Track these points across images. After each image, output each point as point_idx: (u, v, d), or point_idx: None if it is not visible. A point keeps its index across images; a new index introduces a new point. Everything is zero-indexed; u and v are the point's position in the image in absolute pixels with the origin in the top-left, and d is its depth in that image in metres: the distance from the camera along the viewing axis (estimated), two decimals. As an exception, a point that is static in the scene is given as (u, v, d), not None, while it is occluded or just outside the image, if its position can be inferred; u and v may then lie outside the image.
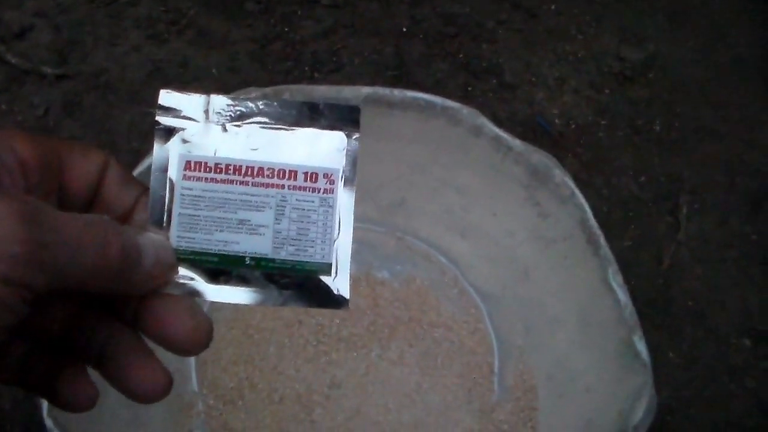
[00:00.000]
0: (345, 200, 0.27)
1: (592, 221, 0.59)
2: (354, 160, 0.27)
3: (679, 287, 0.67)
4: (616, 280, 0.57)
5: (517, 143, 0.61)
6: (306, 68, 0.76)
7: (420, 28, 0.79)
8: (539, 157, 0.60)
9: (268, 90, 0.60)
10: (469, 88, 0.75)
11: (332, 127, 0.27)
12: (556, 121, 0.74)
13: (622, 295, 0.56)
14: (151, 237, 0.25)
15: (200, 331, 0.25)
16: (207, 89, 0.74)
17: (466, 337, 0.62)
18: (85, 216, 0.23)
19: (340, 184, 0.27)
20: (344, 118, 0.28)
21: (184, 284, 0.26)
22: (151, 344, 0.25)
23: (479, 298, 0.64)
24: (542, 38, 0.79)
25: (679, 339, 0.65)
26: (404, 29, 0.79)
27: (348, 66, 0.76)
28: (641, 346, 0.54)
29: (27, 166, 0.24)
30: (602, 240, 0.58)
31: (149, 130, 0.71)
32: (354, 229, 0.67)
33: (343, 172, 0.27)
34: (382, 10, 0.80)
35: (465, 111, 0.61)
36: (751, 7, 0.83)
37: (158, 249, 0.25)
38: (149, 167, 0.54)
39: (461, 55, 0.78)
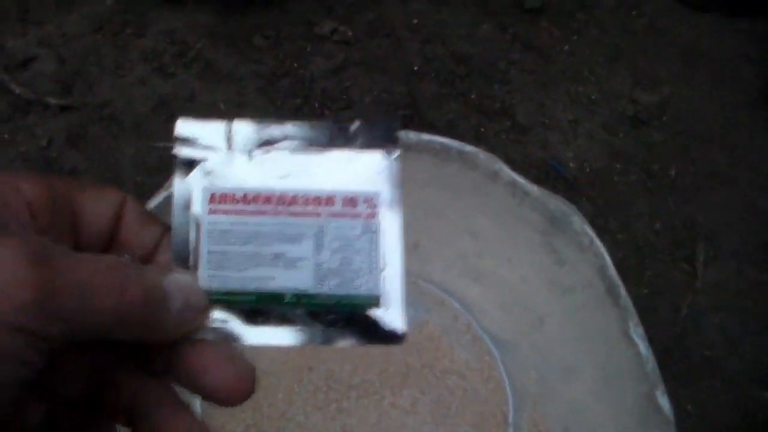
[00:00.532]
0: (390, 224, 0.25)
1: (612, 270, 0.57)
2: (396, 180, 0.25)
3: (696, 336, 0.66)
4: (637, 333, 0.55)
5: (534, 189, 0.59)
6: (316, 104, 0.74)
7: (431, 67, 0.78)
8: (557, 203, 0.59)
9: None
10: (482, 129, 0.74)
11: (369, 147, 0.25)
12: (571, 164, 0.73)
13: (644, 349, 0.55)
14: (177, 278, 0.23)
15: (243, 380, 0.23)
16: (215, 124, 0.72)
17: (480, 385, 0.60)
18: (101, 256, 0.21)
19: (383, 207, 0.25)
20: (381, 136, 0.25)
21: (218, 328, 0.24)
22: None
23: (493, 345, 0.62)
24: (555, 79, 0.79)
25: (696, 390, 0.63)
26: (415, 68, 0.78)
27: (358, 104, 0.74)
28: (664, 402, 0.52)
29: (35, 207, 0.22)
30: (622, 290, 0.56)
31: (154, 164, 0.69)
32: None
33: (386, 194, 0.25)
34: (393, 47, 0.79)
35: (482, 155, 0.60)
36: (763, 47, 0.83)
37: (186, 290, 0.23)
38: (164, 200, 0.52)
39: (473, 96, 0.76)
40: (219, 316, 0.24)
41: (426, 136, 0.60)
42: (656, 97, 0.78)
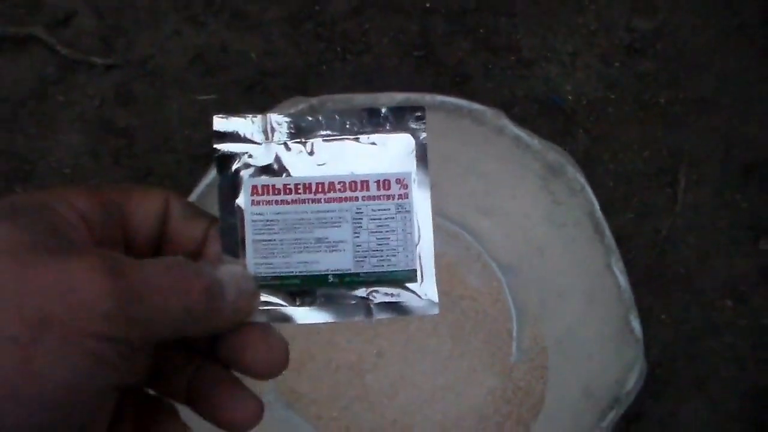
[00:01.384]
0: (421, 203, 0.27)
1: (599, 213, 0.67)
2: (424, 160, 0.27)
3: (673, 255, 0.77)
4: (618, 266, 0.66)
5: (535, 142, 0.68)
6: (338, 49, 0.81)
7: (443, 3, 0.84)
8: (554, 155, 0.68)
9: (314, 101, 0.66)
10: (490, 66, 0.81)
11: (397, 130, 0.27)
12: (569, 97, 0.81)
13: (623, 281, 0.66)
14: (229, 269, 0.25)
15: (274, 355, 0.25)
16: (249, 75, 0.80)
17: (489, 307, 0.72)
18: (163, 260, 0.23)
19: (414, 186, 0.27)
20: (409, 118, 0.27)
21: (268, 311, 0.26)
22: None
23: (500, 272, 0.73)
24: (557, 11, 0.84)
25: (670, 302, 0.75)
26: (428, 5, 0.84)
27: (376, 47, 0.81)
28: (636, 324, 0.64)
29: (89, 220, 0.23)
30: (607, 230, 0.67)
31: (197, 117, 0.78)
32: None
33: (416, 174, 0.27)
34: (405, -16, 0.84)
35: (489, 113, 0.68)
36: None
37: (238, 280, 0.25)
38: (208, 187, 0.62)
39: (482, 31, 0.83)
40: (267, 299, 0.26)
41: (440, 97, 0.68)
42: (652, 24, 0.84)
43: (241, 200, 0.26)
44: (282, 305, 0.26)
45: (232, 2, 0.83)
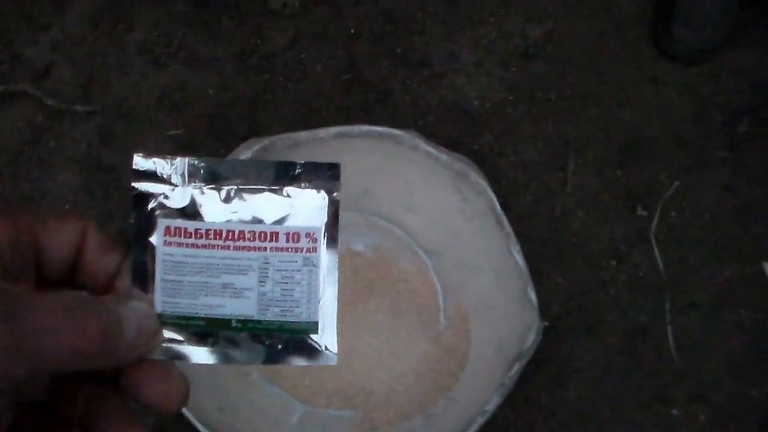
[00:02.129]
0: (328, 258, 0.27)
1: (498, 208, 0.85)
2: (335, 217, 0.27)
3: (566, 229, 0.95)
4: (516, 249, 0.84)
5: (443, 156, 0.85)
6: (280, 78, 0.97)
7: (365, 27, 0.99)
8: (460, 165, 0.85)
9: (266, 141, 0.83)
10: (407, 81, 0.98)
11: (312, 186, 0.27)
12: (475, 102, 0.98)
13: (520, 261, 0.84)
14: (133, 306, 0.25)
15: (173, 395, 0.25)
16: (208, 109, 0.95)
17: (420, 286, 0.90)
18: (61, 296, 0.23)
19: (323, 242, 0.27)
20: (323, 175, 0.27)
21: (170, 348, 0.26)
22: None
23: (426, 256, 0.92)
24: (463, 25, 1.00)
25: (565, 266, 0.94)
26: (352, 31, 0.99)
27: (312, 74, 0.97)
28: (532, 295, 0.83)
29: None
30: (506, 222, 0.85)
31: (171, 151, 0.94)
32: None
33: (326, 229, 0.27)
34: (333, 14, 0.99)
35: (405, 135, 0.85)
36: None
37: (140, 318, 0.25)
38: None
39: (399, 50, 0.99)
40: (171, 336, 0.26)
41: (365, 127, 0.85)
42: (542, 30, 1.01)
43: (154, 239, 0.26)
44: (184, 344, 0.26)
45: (186, 42, 0.97)
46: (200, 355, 0.26)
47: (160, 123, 0.94)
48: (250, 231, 0.26)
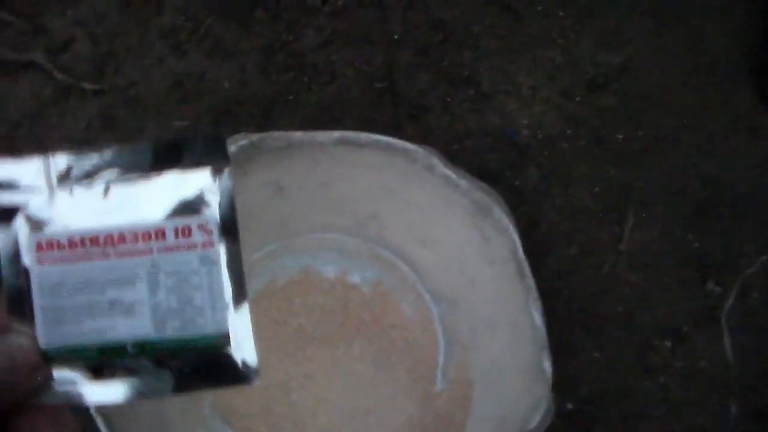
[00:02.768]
0: (230, 252, 0.24)
1: (521, 253, 0.69)
2: (230, 200, 0.24)
3: (613, 293, 0.78)
4: (535, 307, 0.68)
5: (463, 182, 0.71)
6: (305, 79, 0.86)
7: (410, 35, 0.87)
8: (481, 194, 0.70)
9: (255, 137, 0.71)
10: (448, 99, 0.84)
11: (197, 165, 0.24)
12: (524, 131, 0.83)
13: (538, 320, 0.68)
14: (4, 339, 0.22)
15: None
16: (220, 103, 0.86)
17: (419, 336, 0.75)
18: None
19: (219, 233, 0.23)
20: (208, 151, 0.24)
21: (60, 390, 0.23)
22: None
23: (433, 302, 0.77)
24: (524, 44, 0.86)
25: (605, 340, 0.77)
26: (395, 37, 0.87)
27: (341, 78, 0.85)
28: (546, 365, 0.66)
29: None
30: (527, 270, 0.69)
31: (171, 141, 0.84)
32: (334, 237, 0.81)
33: (221, 217, 0.24)
34: (377, 16, 0.88)
35: (420, 152, 0.71)
36: (737, 5, 0.86)
37: (13, 352, 0.22)
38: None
39: (445, 63, 0.86)
40: (62, 375, 0.23)
41: (374, 136, 0.72)
42: (618, 59, 0.85)
43: (26, 260, 0.23)
44: (77, 381, 0.23)
45: (213, 31, 0.88)
46: (96, 393, 0.23)
47: (166, 112, 0.85)
48: (130, 232, 0.23)
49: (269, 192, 0.76)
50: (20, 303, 0.23)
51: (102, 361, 0.23)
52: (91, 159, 0.24)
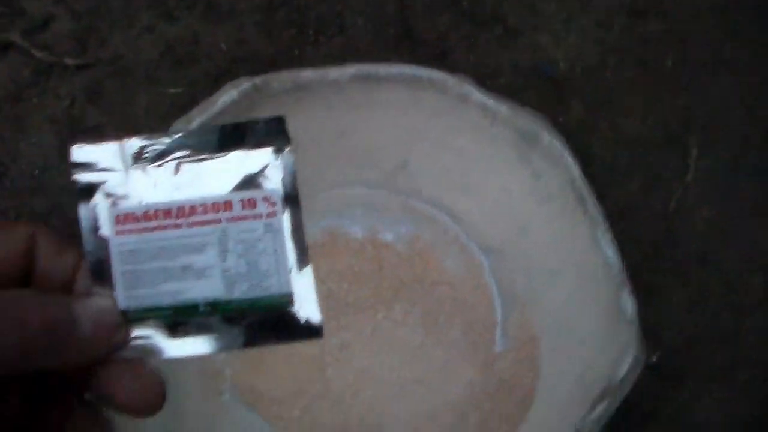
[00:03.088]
0: (292, 221, 0.26)
1: (580, 181, 0.59)
2: (292, 175, 0.26)
3: (686, 229, 0.67)
4: (605, 239, 0.58)
5: (503, 108, 0.61)
6: (310, 32, 0.77)
7: (423, -22, 0.78)
8: (526, 121, 0.61)
9: (258, 80, 0.62)
10: (473, 39, 0.75)
11: (259, 145, 0.26)
12: (561, 65, 0.73)
13: (611, 254, 0.58)
14: (89, 302, 0.24)
15: (147, 394, 0.24)
16: (218, 65, 0.77)
17: (469, 293, 0.65)
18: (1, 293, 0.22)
19: (282, 204, 0.25)
20: (270, 132, 0.26)
21: (139, 345, 0.25)
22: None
23: (481, 254, 0.66)
24: (549, -24, 0.77)
25: (685, 281, 0.66)
26: (407, -19, 0.78)
27: (351, 28, 0.77)
28: (628, 305, 0.56)
29: None
30: (590, 200, 0.59)
31: (166, 110, 0.75)
32: (359, 193, 0.70)
33: (283, 190, 0.25)
34: (384, -39, 0.80)
35: (451, 80, 0.62)
36: None
37: (96, 312, 0.24)
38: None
39: (465, 3, 0.77)
40: (140, 333, 0.25)
41: (396, 68, 0.63)
42: (656, -18, 0.76)
43: (105, 231, 0.25)
44: (154, 338, 0.25)
45: (206, -5, 0.80)
46: (173, 348, 0.25)
47: (159, 80, 0.76)
48: (201, 204, 0.25)
49: (282, 146, 0.66)
50: (101, 270, 0.25)
51: (176, 320, 0.25)
52: (163, 142, 0.26)
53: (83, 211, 0.25)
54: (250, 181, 0.25)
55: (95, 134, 0.75)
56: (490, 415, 0.61)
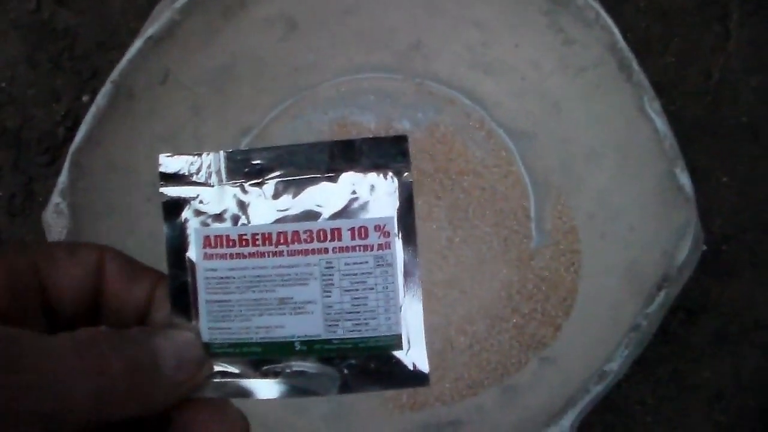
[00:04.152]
0: (406, 255, 0.23)
1: (622, 44, 0.52)
2: (409, 203, 0.23)
3: (730, 102, 0.61)
4: (653, 108, 0.51)
5: (528, -36, 0.54)
6: None
7: None
8: (554, -23, 0.53)
9: None
10: None
11: (376, 167, 0.23)
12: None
13: (661, 124, 0.51)
14: (168, 335, 0.21)
15: None
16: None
17: (498, 182, 0.58)
18: (71, 334, 0.19)
19: (397, 235, 0.23)
20: (388, 152, 0.23)
21: (225, 383, 0.22)
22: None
23: (509, 139, 0.60)
24: None
25: (733, 159, 0.60)
26: None
27: None
28: (684, 179, 0.49)
29: None
30: (635, 64, 0.52)
31: (145, 6, 0.67)
32: (369, 78, 0.61)
33: (399, 220, 0.23)
34: None
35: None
36: None
37: (179, 348, 0.21)
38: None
39: None
40: (223, 369, 0.22)
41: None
42: None
43: (192, 253, 0.22)
44: (240, 377, 0.22)
45: None
46: (260, 389, 0.22)
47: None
48: (306, 231, 0.22)
49: (279, 30, 0.58)
50: (183, 298, 0.22)
51: (266, 358, 0.22)
52: (264, 156, 0.23)
53: (169, 229, 0.23)
54: (363, 208, 0.23)
55: (67, 39, 0.67)
56: (530, 318, 0.55)
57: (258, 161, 0.23)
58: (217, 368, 0.22)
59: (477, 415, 0.53)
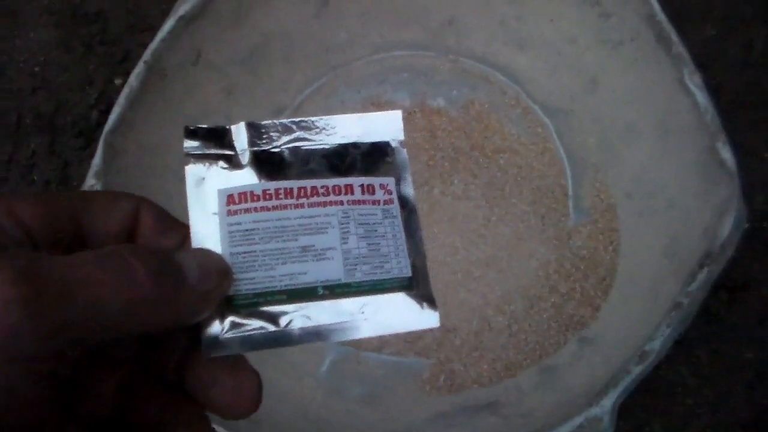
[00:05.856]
0: (406, 211, 0.25)
1: (661, 15, 0.51)
2: (405, 166, 0.26)
3: (774, 76, 0.59)
4: (694, 81, 0.50)
5: (565, -63, 0.53)
6: None
7: None
8: (592, -51, 0.52)
9: None
10: None
11: (375, 136, 0.26)
12: None
13: (702, 98, 0.49)
14: (192, 250, 0.22)
15: (242, 392, 0.22)
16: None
17: (535, 160, 0.57)
18: (97, 249, 0.19)
19: (396, 192, 0.25)
20: (387, 126, 0.26)
21: (248, 336, 0.23)
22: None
23: (545, 116, 0.58)
24: None
25: (776, 133, 0.58)
26: None
27: None
28: (726, 154, 0.48)
29: (32, 229, 0.21)
30: (674, 36, 0.51)
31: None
32: (402, 55, 0.62)
33: (398, 180, 0.25)
34: None
35: None
36: None
37: (202, 260, 0.21)
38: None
39: None
40: (245, 321, 0.23)
41: None
42: None
43: (216, 209, 0.24)
44: (263, 329, 0.23)
45: None
46: (281, 338, 0.23)
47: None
48: (323, 186, 0.24)
49: (310, 8, 0.58)
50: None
51: (287, 306, 0.23)
52: (279, 127, 0.25)
53: (192, 191, 0.24)
54: (368, 169, 0.25)
55: (99, 22, 0.67)
56: (569, 298, 0.54)
57: (274, 131, 0.25)
58: (237, 321, 0.23)
59: (515, 397, 0.53)
